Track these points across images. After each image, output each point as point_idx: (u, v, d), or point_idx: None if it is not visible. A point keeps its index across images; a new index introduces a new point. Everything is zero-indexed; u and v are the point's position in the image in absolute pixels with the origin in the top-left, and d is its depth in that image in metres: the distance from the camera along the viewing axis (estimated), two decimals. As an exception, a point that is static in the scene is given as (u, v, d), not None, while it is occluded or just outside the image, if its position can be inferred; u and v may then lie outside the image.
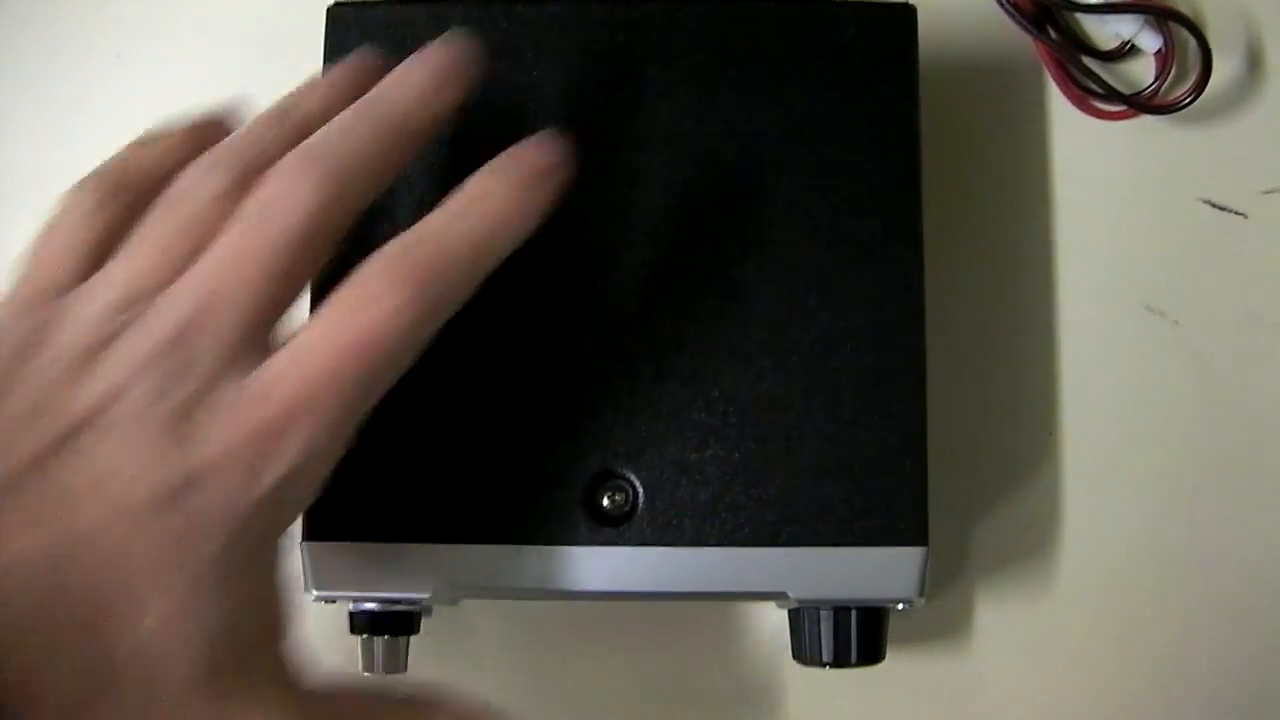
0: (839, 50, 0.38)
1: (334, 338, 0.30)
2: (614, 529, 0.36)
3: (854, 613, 0.37)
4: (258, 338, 0.30)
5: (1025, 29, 0.43)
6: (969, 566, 0.42)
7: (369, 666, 0.38)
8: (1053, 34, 0.44)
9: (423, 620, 0.39)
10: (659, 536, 0.36)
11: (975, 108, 0.45)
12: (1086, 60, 0.44)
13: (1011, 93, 0.45)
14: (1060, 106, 0.45)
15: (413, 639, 0.38)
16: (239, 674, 0.29)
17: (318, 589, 0.36)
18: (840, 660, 0.38)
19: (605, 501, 0.36)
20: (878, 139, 0.38)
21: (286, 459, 0.29)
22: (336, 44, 0.38)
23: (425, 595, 0.37)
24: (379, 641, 0.38)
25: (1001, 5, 0.43)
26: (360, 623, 0.38)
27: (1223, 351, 0.43)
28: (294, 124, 0.33)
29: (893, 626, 0.38)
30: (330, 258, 0.32)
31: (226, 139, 0.33)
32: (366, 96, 0.33)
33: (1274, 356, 0.43)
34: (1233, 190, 0.44)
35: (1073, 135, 0.45)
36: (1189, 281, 0.44)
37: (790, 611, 0.39)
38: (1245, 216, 0.44)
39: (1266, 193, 0.44)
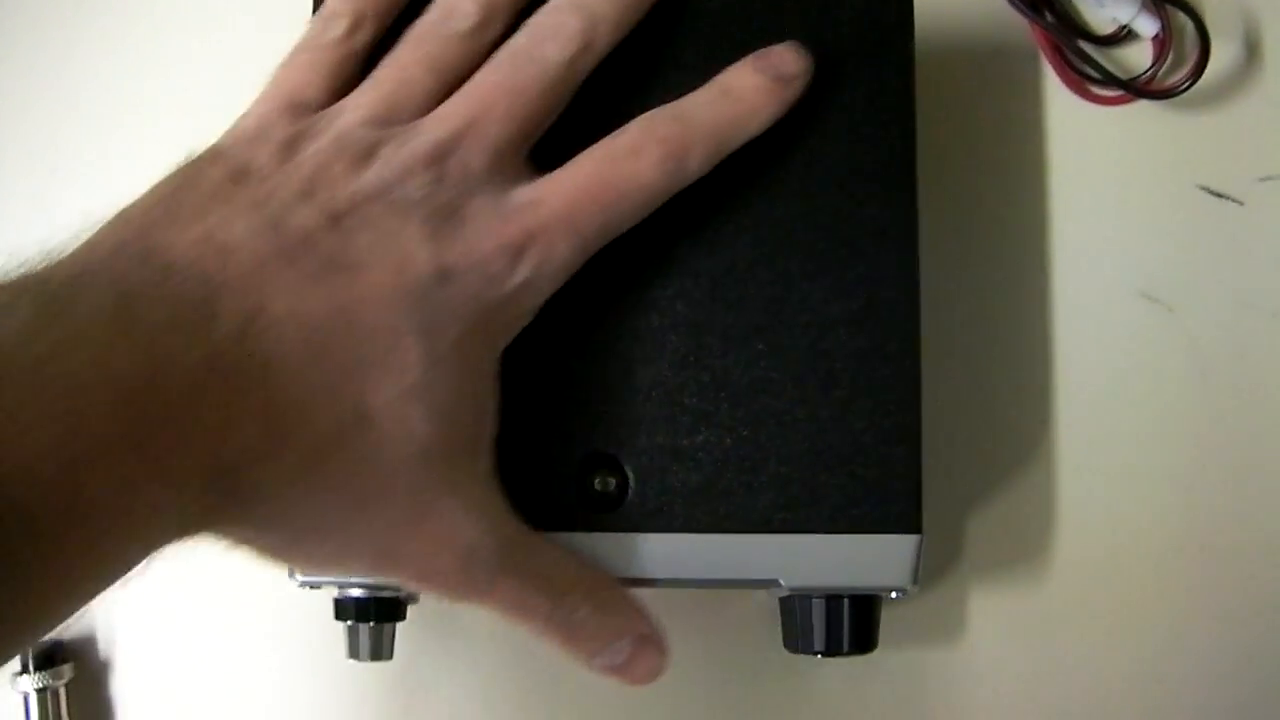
0: (835, 31, 0.38)
1: (600, 174, 0.34)
2: (604, 514, 0.36)
3: (846, 601, 0.37)
4: (514, 160, 0.34)
5: (1022, 12, 0.43)
6: (963, 555, 0.42)
7: (354, 653, 0.38)
8: (1050, 18, 0.44)
9: (409, 607, 0.38)
10: (650, 523, 0.36)
11: (972, 92, 0.45)
12: (1083, 45, 0.44)
13: (1008, 77, 0.45)
14: (1057, 91, 0.45)
15: (399, 626, 0.38)
16: (452, 462, 0.32)
17: (303, 574, 0.36)
18: (832, 649, 0.37)
19: (595, 486, 0.36)
20: (873, 121, 0.37)
21: (531, 267, 0.33)
22: None
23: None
24: (364, 628, 0.38)
25: (998, -12, 0.43)
26: (345, 609, 0.38)
27: (1219, 339, 0.44)
28: None
29: (885, 615, 0.38)
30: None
31: None
32: None
33: (1270, 344, 0.44)
34: (1230, 177, 0.44)
35: (1069, 120, 0.45)
36: (1185, 268, 0.44)
37: (782, 599, 0.39)
38: (1242, 203, 0.44)
39: (1263, 179, 0.44)
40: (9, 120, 0.46)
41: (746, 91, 0.35)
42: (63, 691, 0.42)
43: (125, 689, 0.43)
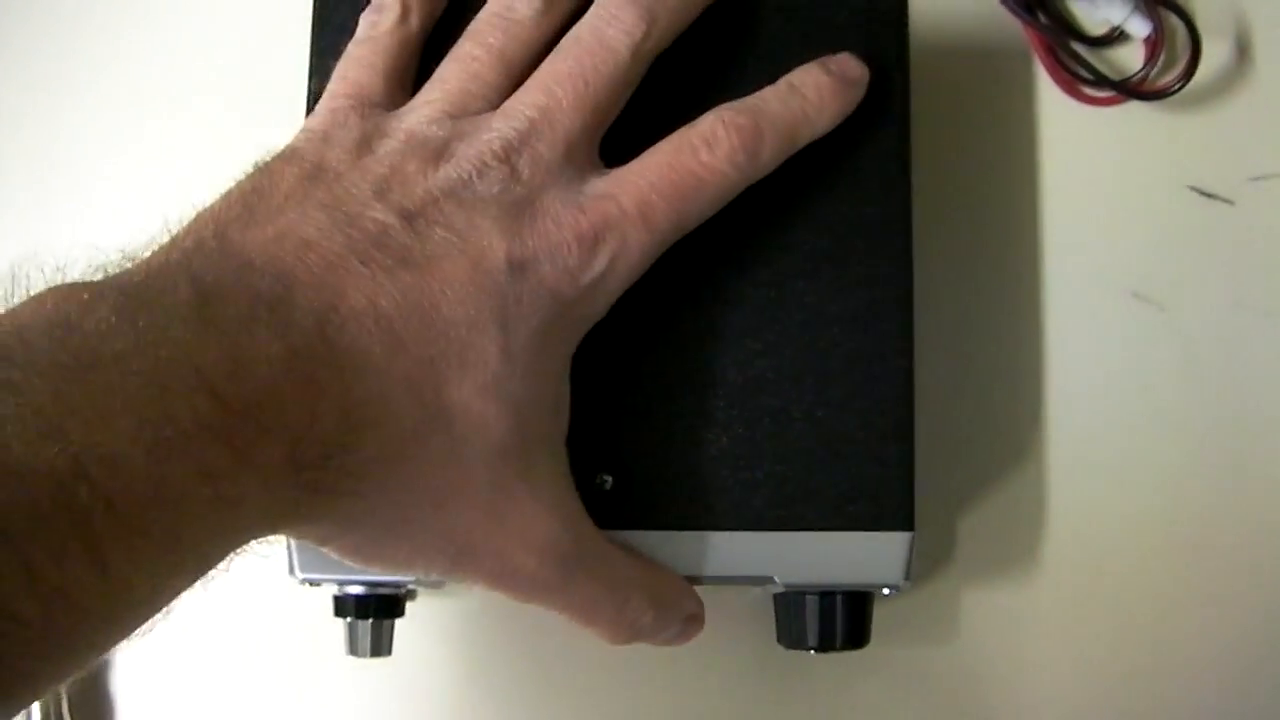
0: (831, 30, 0.38)
1: (675, 165, 0.34)
2: (603, 511, 0.36)
3: (839, 597, 0.38)
4: (586, 151, 0.35)
5: (1015, 13, 0.43)
6: (955, 552, 0.43)
7: (354, 650, 0.39)
8: (1043, 19, 0.44)
9: (407, 604, 0.39)
10: (644, 519, 0.36)
11: (965, 91, 0.45)
12: (1076, 46, 0.44)
13: (1001, 77, 0.45)
14: (1049, 92, 0.45)
15: (398, 622, 0.39)
16: (529, 460, 0.33)
17: (303, 572, 0.36)
18: (825, 644, 0.38)
19: (594, 483, 0.36)
20: (868, 121, 0.38)
21: (607, 260, 0.33)
22: (323, 19, 0.38)
23: (408, 579, 0.37)
24: (363, 625, 0.38)
25: (992, -11, 0.43)
26: (345, 606, 0.38)
27: (1209, 338, 0.44)
28: None
29: (877, 611, 0.39)
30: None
31: None
32: None
33: (1260, 343, 0.44)
34: (1220, 177, 0.45)
35: (1061, 120, 0.45)
36: (1176, 268, 0.44)
37: (775, 595, 0.39)
38: (1232, 203, 0.45)
39: (1254, 180, 0.45)
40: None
41: (816, 89, 0.36)
42: (63, 689, 0.42)
43: (125, 687, 0.43)
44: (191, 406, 0.26)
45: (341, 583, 0.37)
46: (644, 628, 0.35)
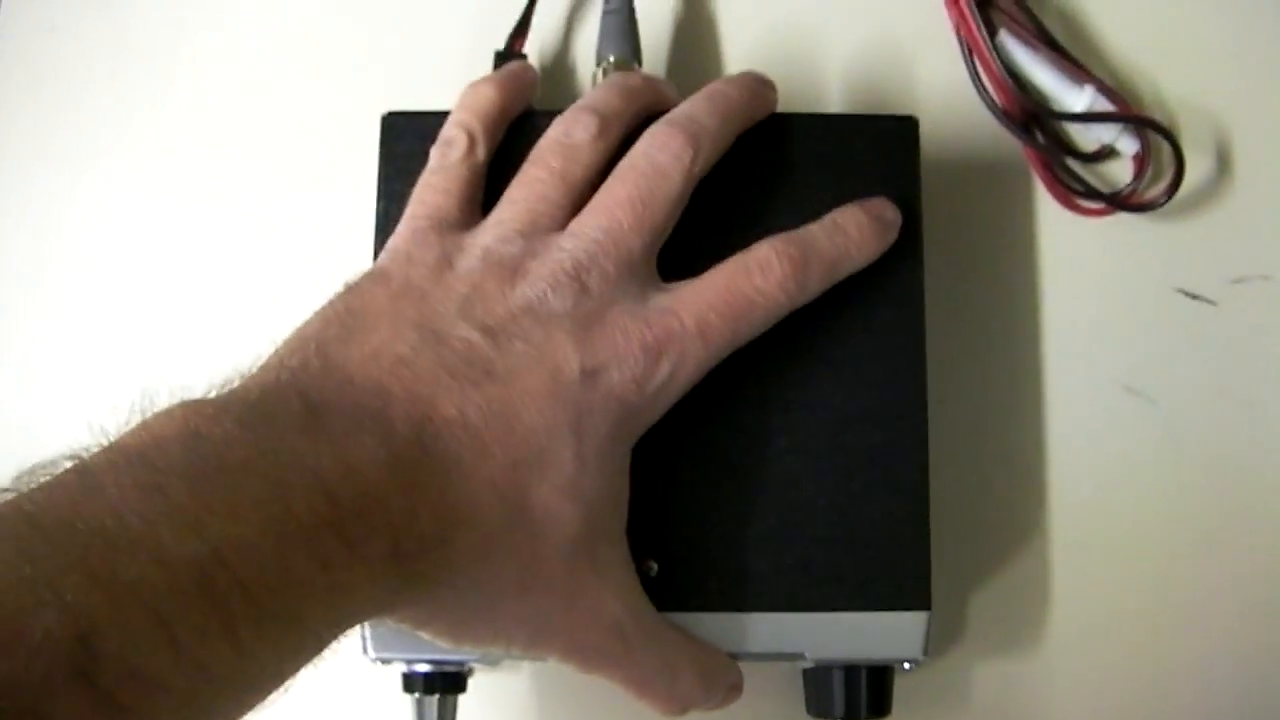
0: (849, 157, 0.41)
1: (732, 286, 0.37)
2: (651, 595, 0.38)
3: (864, 671, 0.40)
4: (647, 267, 0.37)
5: (1015, 134, 0.46)
6: (966, 628, 0.44)
7: None
8: (1040, 139, 0.46)
9: (469, 680, 0.41)
10: (687, 602, 0.38)
11: (970, 205, 0.47)
12: (1070, 162, 0.46)
13: (1003, 192, 0.47)
14: (1047, 204, 0.47)
15: (460, 697, 0.41)
16: (596, 551, 0.35)
17: (375, 652, 0.39)
18: (851, 715, 0.40)
19: (638, 568, 0.38)
20: None
21: (669, 370, 0.36)
22: (391, 150, 0.41)
23: (472, 657, 0.39)
24: (430, 700, 0.40)
25: (994, 114, 0.45)
26: (413, 683, 0.40)
27: (1197, 427, 0.46)
28: (631, 89, 0.40)
29: (898, 684, 0.40)
30: None
31: (581, 101, 0.40)
32: (707, 91, 0.40)
33: (1244, 431, 0.46)
34: (1204, 280, 0.47)
35: (1058, 230, 0.47)
36: (1165, 363, 0.46)
37: (804, 670, 0.41)
38: (1215, 304, 0.46)
39: (1235, 282, 0.47)
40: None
41: (858, 228, 0.39)
42: None
43: None
44: (310, 505, 0.29)
45: (410, 661, 0.39)
46: (694, 700, 0.38)
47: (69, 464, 0.28)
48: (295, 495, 0.29)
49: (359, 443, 0.31)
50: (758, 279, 0.37)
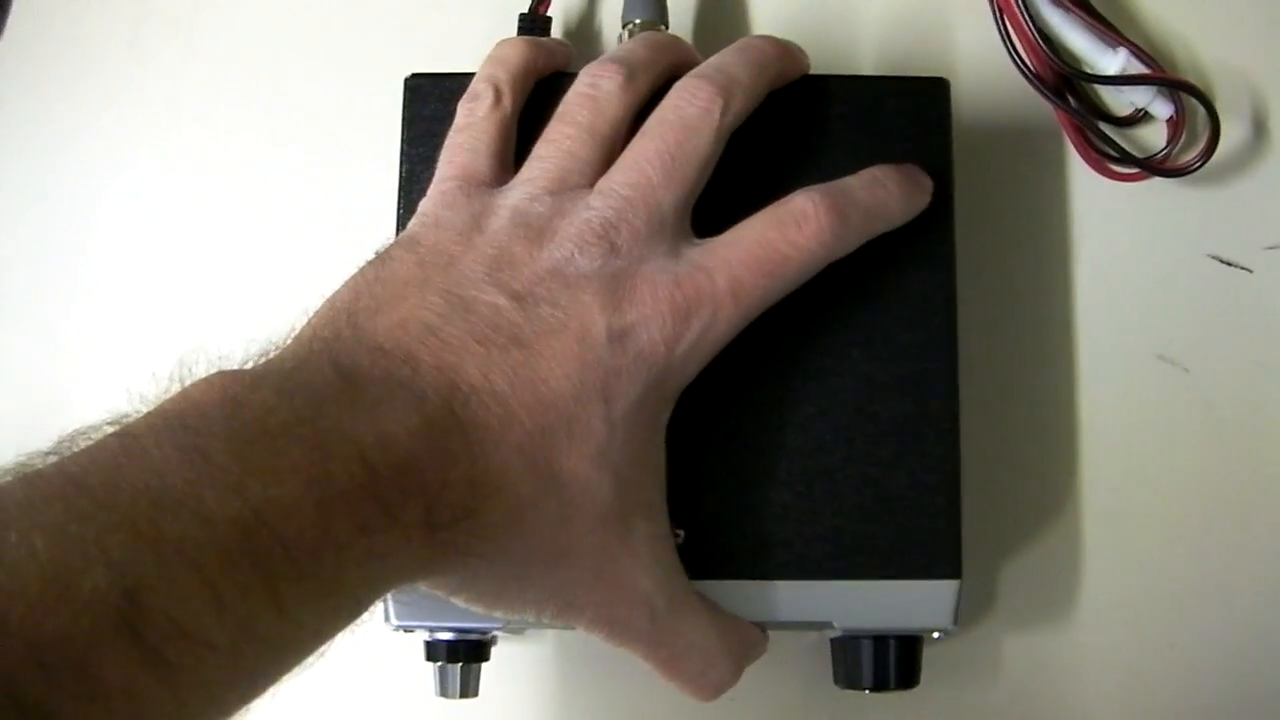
0: (879, 120, 0.40)
1: (766, 240, 0.36)
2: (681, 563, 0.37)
3: (892, 641, 0.39)
4: (678, 224, 0.37)
5: (1047, 98, 0.45)
6: (998, 598, 0.44)
7: (444, 691, 0.40)
8: (1072, 102, 0.46)
9: (492, 649, 0.41)
10: (715, 570, 0.38)
11: (1002, 170, 0.46)
12: (1103, 127, 0.46)
13: (1035, 157, 0.47)
14: (1079, 169, 0.47)
15: (484, 665, 0.41)
16: (629, 523, 0.35)
17: (398, 620, 0.38)
18: (880, 685, 0.40)
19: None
20: None
21: (699, 330, 0.35)
22: (415, 113, 0.41)
23: (495, 625, 0.39)
24: (453, 668, 0.40)
25: (1026, 76, 0.45)
26: (436, 651, 0.40)
27: (1230, 397, 0.45)
28: (659, 43, 0.40)
29: (927, 654, 0.40)
30: None
31: (605, 56, 0.40)
32: (738, 44, 0.39)
33: (1277, 400, 0.45)
34: (1239, 246, 0.46)
35: (1090, 196, 0.46)
36: (1198, 332, 0.46)
37: (832, 639, 0.41)
38: (1250, 271, 0.46)
39: (1270, 249, 0.46)
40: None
41: (897, 184, 0.38)
42: None
43: None
44: (348, 471, 0.29)
45: (433, 629, 0.39)
46: (725, 685, 0.38)
47: (110, 429, 0.28)
48: (334, 461, 0.29)
49: (392, 411, 0.31)
50: (792, 232, 0.36)
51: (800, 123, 0.40)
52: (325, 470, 0.28)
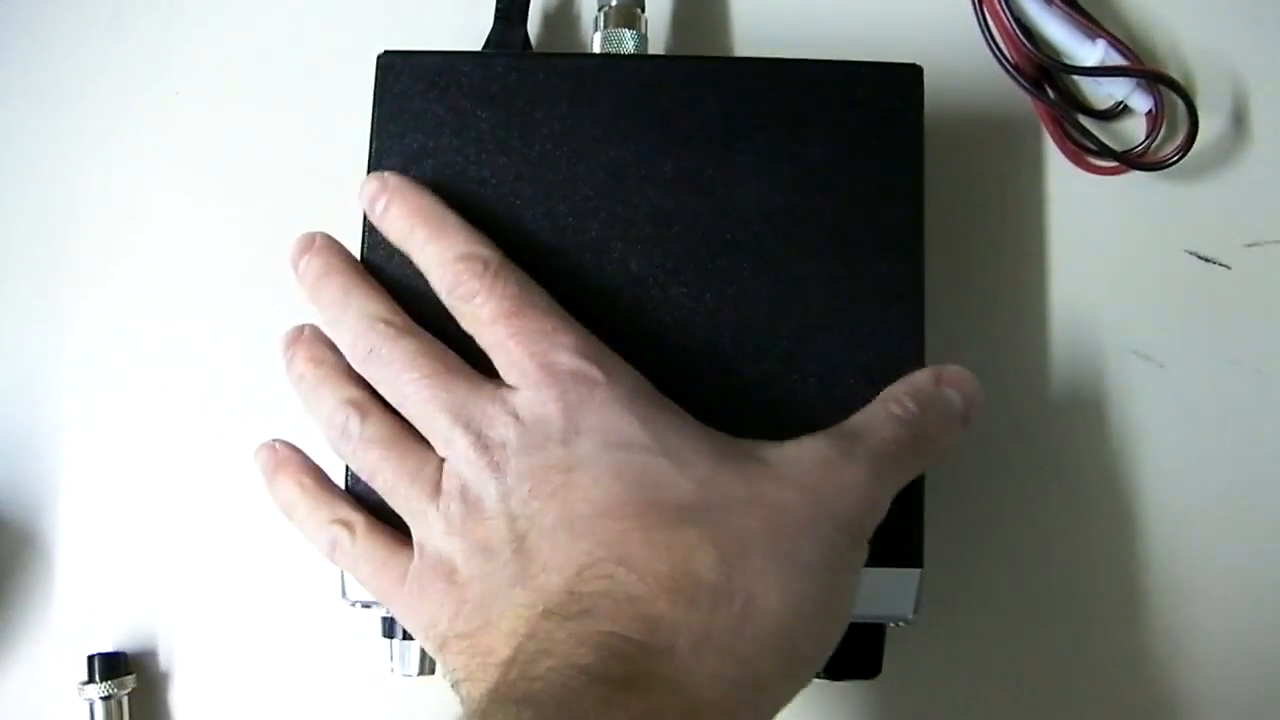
0: (850, 105, 0.40)
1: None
2: None
3: (853, 628, 0.38)
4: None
5: (1025, 89, 0.45)
6: (962, 590, 0.44)
7: (399, 668, 0.40)
8: (1051, 94, 0.46)
9: None
10: None
11: (978, 161, 0.46)
12: (1082, 119, 0.46)
13: (1011, 148, 0.47)
14: (1056, 161, 0.46)
15: None
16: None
17: (353, 596, 0.38)
18: (839, 673, 0.39)
19: None
20: (884, 187, 0.39)
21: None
22: (386, 90, 0.41)
23: None
24: (409, 645, 0.40)
25: (1003, 66, 0.45)
26: (392, 628, 0.40)
27: (1206, 394, 0.45)
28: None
29: (889, 642, 0.40)
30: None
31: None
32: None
33: (1253, 399, 0.45)
34: (1217, 243, 0.46)
35: (1067, 189, 0.46)
36: (1175, 328, 0.45)
37: None
38: (1229, 268, 0.46)
39: (1249, 245, 0.46)
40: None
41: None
42: (126, 700, 0.44)
43: (184, 699, 0.45)
44: None
45: None
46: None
47: None
48: None
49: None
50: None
51: (767, 106, 0.40)
52: None
